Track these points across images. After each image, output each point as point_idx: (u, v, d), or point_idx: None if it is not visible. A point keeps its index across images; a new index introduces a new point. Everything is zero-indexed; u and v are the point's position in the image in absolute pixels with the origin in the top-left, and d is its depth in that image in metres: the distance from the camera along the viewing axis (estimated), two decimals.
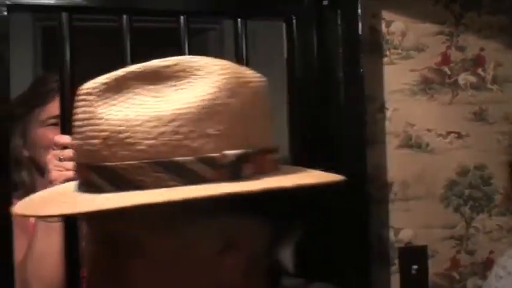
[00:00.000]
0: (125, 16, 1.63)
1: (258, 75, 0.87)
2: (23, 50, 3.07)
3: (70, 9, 1.61)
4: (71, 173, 1.57)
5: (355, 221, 1.84)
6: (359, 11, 1.81)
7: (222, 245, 0.82)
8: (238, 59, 1.71)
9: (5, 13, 1.58)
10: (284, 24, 1.80)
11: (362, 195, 1.84)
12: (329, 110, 1.80)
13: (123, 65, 1.56)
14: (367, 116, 1.90)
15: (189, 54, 1.66)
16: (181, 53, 1.66)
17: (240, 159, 0.79)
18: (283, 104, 2.81)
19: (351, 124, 1.80)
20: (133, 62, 1.61)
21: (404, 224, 1.98)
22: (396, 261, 1.97)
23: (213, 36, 3.33)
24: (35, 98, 1.84)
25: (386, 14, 1.97)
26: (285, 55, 1.87)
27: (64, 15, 1.60)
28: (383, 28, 1.97)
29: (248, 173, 0.80)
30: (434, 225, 2.01)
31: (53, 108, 1.84)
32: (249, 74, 0.86)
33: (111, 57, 2.23)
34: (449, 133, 2.02)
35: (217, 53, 3.29)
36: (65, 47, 1.60)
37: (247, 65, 1.71)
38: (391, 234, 1.97)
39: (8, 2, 1.58)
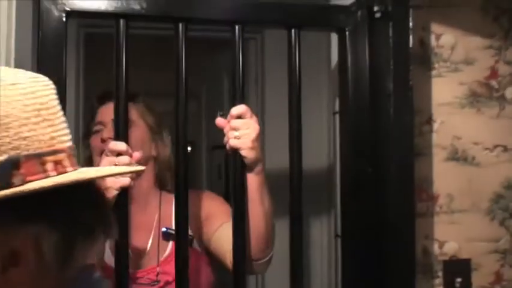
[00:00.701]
0: (180, 24, 1.66)
1: (41, 78, 0.87)
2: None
3: (127, 16, 1.64)
4: (127, 180, 1.60)
5: (400, 233, 1.84)
6: (410, 24, 1.82)
7: (4, 261, 0.77)
8: (292, 69, 1.72)
9: (64, 19, 1.61)
10: (337, 36, 1.82)
11: (408, 207, 1.83)
12: (378, 121, 1.80)
13: (177, 72, 1.63)
14: (414, 128, 1.90)
15: (242, 63, 1.69)
16: (235, 61, 1.68)
17: (8, 165, 0.78)
18: (329, 114, 2.85)
19: (399, 136, 1.80)
20: (186, 69, 1.66)
21: (448, 237, 1.98)
22: (440, 273, 1.97)
23: (254, 46, 3.34)
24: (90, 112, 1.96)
25: (435, 27, 1.99)
26: (330, 65, 1.88)
27: (122, 23, 1.63)
28: (432, 41, 1.98)
29: (18, 178, 0.78)
30: (479, 238, 2.01)
31: (99, 116, 1.91)
32: (21, 76, 0.85)
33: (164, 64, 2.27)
34: (496, 146, 2.02)
35: (257, 62, 3.32)
36: (120, 53, 1.63)
37: (299, 74, 1.73)
38: (436, 246, 1.97)
39: (67, 9, 1.61)
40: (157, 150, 1.93)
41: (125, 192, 1.61)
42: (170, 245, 1.86)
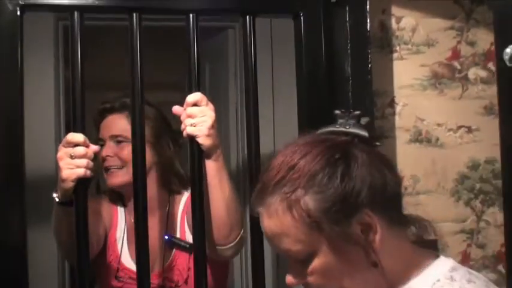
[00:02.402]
0: (134, 14, 1.67)
1: None
2: (45, 49, 3.13)
3: (82, 8, 1.65)
4: (82, 171, 1.62)
5: None
6: (367, 7, 1.82)
7: None
8: (247, 56, 1.73)
9: (18, 13, 1.62)
10: (292, 21, 1.82)
11: None
12: (337, 105, 1.81)
13: (133, 64, 1.63)
14: (376, 111, 1.92)
15: (202, 52, 1.70)
16: (190, 50, 1.69)
17: None
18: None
19: None
20: (142, 61, 1.67)
21: None
22: None
23: (233, 35, 3.35)
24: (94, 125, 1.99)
25: (396, 10, 2.00)
26: None
27: (76, 15, 1.64)
28: (393, 24, 1.99)
29: None
30: (445, 219, 2.02)
31: (100, 132, 1.96)
32: None
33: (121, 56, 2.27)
34: (459, 127, 2.04)
35: (236, 51, 3.33)
36: (76, 45, 1.64)
37: (255, 62, 1.74)
38: None
39: (21, 2, 1.62)
40: (157, 155, 1.94)
41: (83, 183, 1.63)
42: (173, 252, 1.91)
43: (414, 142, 2.01)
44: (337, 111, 1.19)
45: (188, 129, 1.65)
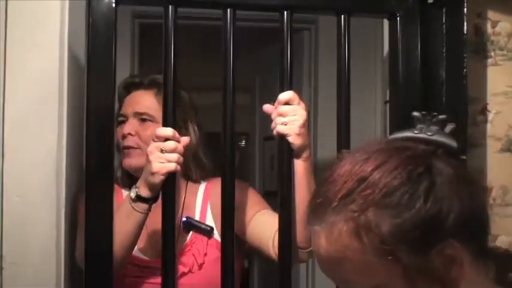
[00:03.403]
0: (229, 10, 1.65)
1: None
2: (121, 47, 3.16)
3: (176, 2, 1.64)
4: (173, 165, 1.60)
5: None
6: (465, 10, 1.77)
7: None
8: (341, 56, 1.70)
9: (113, 5, 1.62)
10: (388, 22, 1.78)
11: None
12: (430, 110, 1.76)
13: (225, 59, 1.62)
14: (468, 118, 1.86)
15: (291, 49, 1.68)
16: (283, 47, 1.67)
17: None
18: (380, 102, 2.82)
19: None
20: (234, 57, 1.65)
21: (502, 231, 1.92)
22: (493, 268, 1.92)
23: (308, 37, 3.34)
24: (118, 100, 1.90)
25: (492, 14, 1.93)
26: (383, 54, 1.85)
27: (170, 9, 1.63)
28: (488, 28, 1.93)
29: None
30: None
31: (123, 107, 1.89)
32: None
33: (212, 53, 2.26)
34: None
35: (311, 52, 3.30)
36: (169, 41, 1.63)
37: (349, 62, 1.71)
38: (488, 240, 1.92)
39: None
40: None
41: (172, 177, 1.62)
42: (189, 235, 1.84)
43: (505, 151, 1.94)
44: (416, 113, 1.02)
45: (279, 127, 1.63)
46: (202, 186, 1.91)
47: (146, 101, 1.84)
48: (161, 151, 1.60)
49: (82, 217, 1.66)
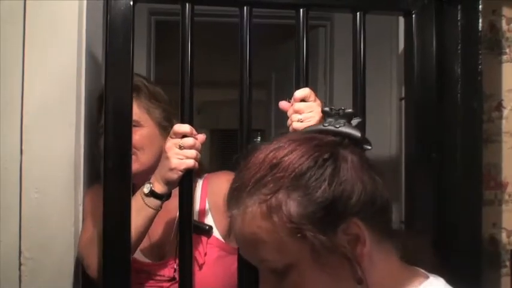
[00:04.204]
0: (245, 8, 1.66)
1: None
2: (137, 44, 3.18)
3: (193, 0, 1.65)
4: (192, 162, 1.62)
5: (467, 221, 1.79)
6: (480, 7, 1.77)
7: None
8: (356, 53, 1.71)
9: (131, 3, 1.64)
10: (403, 19, 1.79)
11: (475, 195, 1.79)
12: (445, 107, 1.77)
13: (242, 56, 1.63)
14: (483, 114, 1.86)
15: (307, 46, 1.69)
16: (299, 45, 1.68)
17: None
18: (395, 99, 2.82)
19: (467, 122, 1.76)
20: (250, 53, 1.67)
21: None
22: (508, 263, 1.92)
23: (323, 34, 3.34)
24: None
25: (507, 11, 1.93)
26: (398, 51, 1.85)
27: (187, 7, 1.65)
28: (503, 25, 1.93)
29: None
30: None
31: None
32: None
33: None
34: None
35: (327, 49, 3.31)
36: (186, 39, 1.64)
37: (364, 59, 1.72)
38: (504, 235, 1.93)
39: None
40: None
41: (189, 174, 1.63)
42: None
43: None
44: (325, 109, 1.11)
45: (295, 124, 1.63)
46: (199, 184, 1.90)
47: None
48: (179, 147, 1.62)
49: (88, 207, 1.76)
